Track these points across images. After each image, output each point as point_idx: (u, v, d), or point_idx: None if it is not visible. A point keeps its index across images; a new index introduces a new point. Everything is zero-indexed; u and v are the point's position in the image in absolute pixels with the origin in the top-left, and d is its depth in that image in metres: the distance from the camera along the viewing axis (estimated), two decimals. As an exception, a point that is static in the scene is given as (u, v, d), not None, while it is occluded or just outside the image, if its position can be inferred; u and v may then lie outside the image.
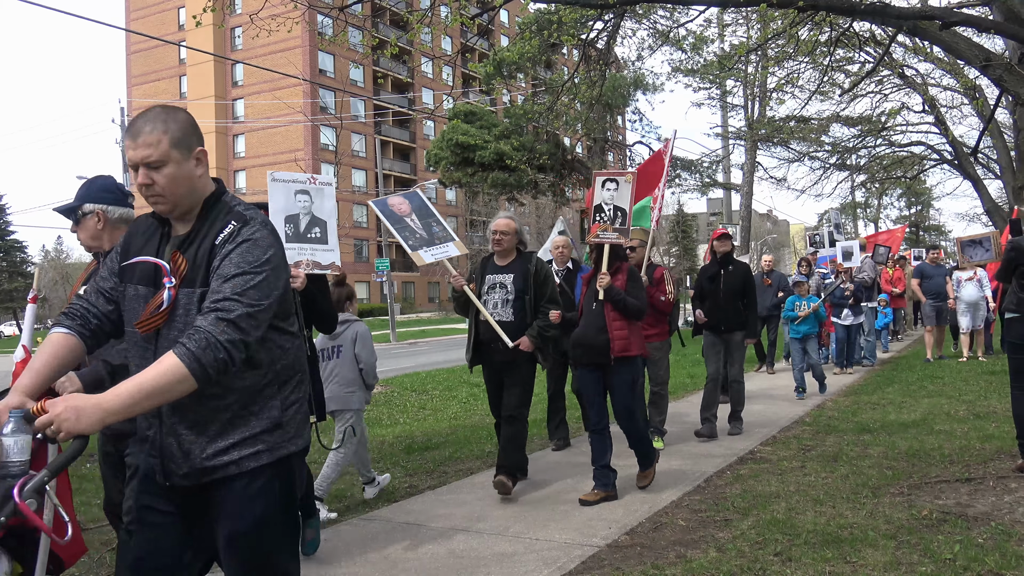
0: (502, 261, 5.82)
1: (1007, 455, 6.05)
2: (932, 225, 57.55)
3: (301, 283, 4.19)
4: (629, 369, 5.45)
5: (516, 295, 5.65)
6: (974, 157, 21.94)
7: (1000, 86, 9.09)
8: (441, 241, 5.92)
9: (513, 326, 5.58)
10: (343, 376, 5.52)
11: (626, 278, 5.50)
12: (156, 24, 59.25)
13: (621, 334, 5.39)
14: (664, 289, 6.94)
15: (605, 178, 5.79)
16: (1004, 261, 5.85)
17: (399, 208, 5.98)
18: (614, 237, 5.57)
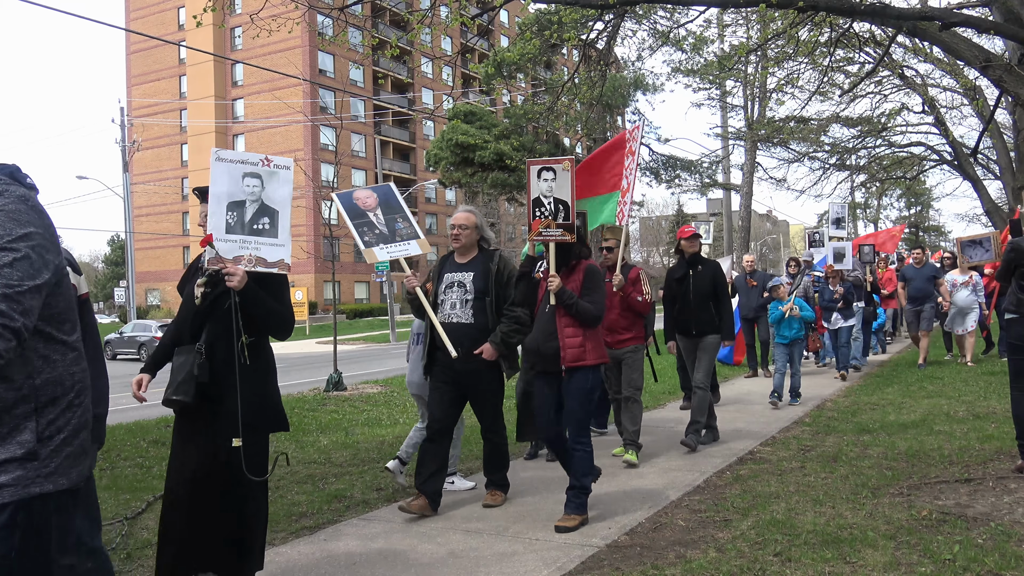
0: (462, 258, 5.42)
1: (1007, 456, 6.06)
2: (932, 226, 57.60)
3: (238, 282, 3.60)
4: (583, 379, 4.90)
5: (476, 295, 5.24)
6: (974, 158, 21.96)
7: (1000, 87, 9.09)
8: (404, 239, 5.50)
9: (472, 329, 5.19)
10: None
11: (582, 279, 4.97)
12: (156, 24, 59.24)
13: (574, 341, 4.88)
14: (641, 289, 6.65)
15: (540, 167, 5.14)
16: (1004, 262, 5.85)
17: (364, 202, 5.60)
18: (558, 234, 4.98)
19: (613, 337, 6.55)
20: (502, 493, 5.49)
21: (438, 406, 5.32)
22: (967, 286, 12.15)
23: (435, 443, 5.26)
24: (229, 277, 3.60)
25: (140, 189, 55.29)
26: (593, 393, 4.97)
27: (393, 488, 6.00)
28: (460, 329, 5.16)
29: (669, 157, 32.25)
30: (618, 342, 6.66)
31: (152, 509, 5.66)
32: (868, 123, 24.11)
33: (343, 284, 56.25)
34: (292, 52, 51.00)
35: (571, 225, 4.98)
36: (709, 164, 32.22)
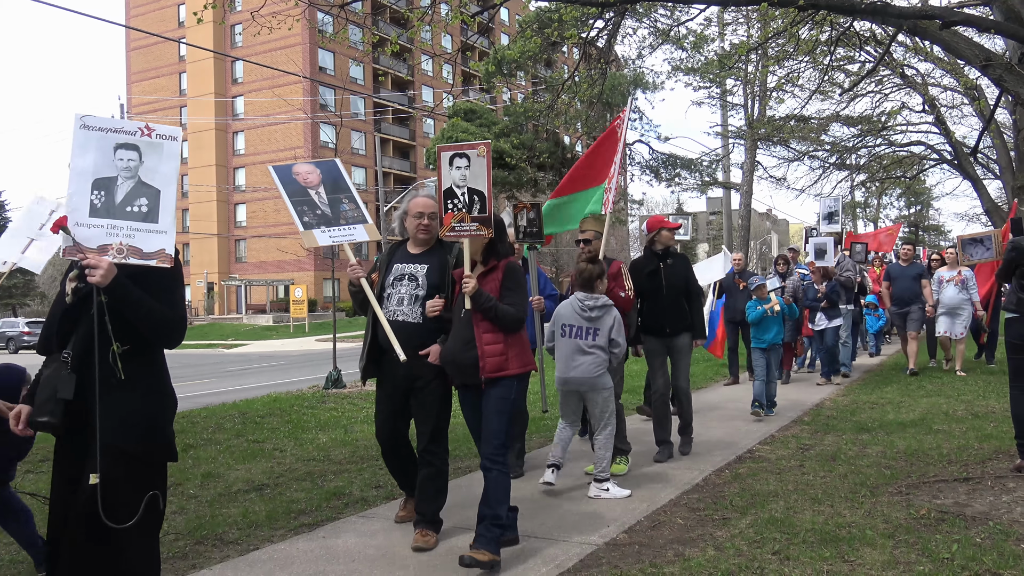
0: (416, 248, 4.82)
1: (1005, 455, 6.06)
2: (931, 225, 57.61)
3: (102, 276, 2.93)
4: (505, 390, 4.35)
5: (429, 291, 4.63)
6: (974, 157, 21.97)
7: (1000, 86, 9.10)
8: (348, 222, 4.94)
9: (420, 329, 4.59)
10: (598, 358, 5.48)
11: (501, 278, 4.43)
12: (156, 21, 59.21)
13: (494, 349, 4.35)
14: (623, 284, 6.14)
15: (452, 153, 4.60)
16: (1004, 261, 5.86)
17: (306, 178, 5.02)
18: (473, 229, 4.47)
19: None
20: (434, 533, 4.59)
21: (386, 420, 4.77)
22: (955, 283, 11.11)
23: (398, 455, 4.82)
24: (90, 271, 2.94)
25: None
26: (516, 405, 4.44)
27: (391, 487, 5.98)
28: (406, 329, 4.56)
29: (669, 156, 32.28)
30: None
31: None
32: (868, 122, 24.11)
33: (342, 282, 56.16)
34: (292, 49, 50.99)
35: (487, 218, 4.48)
36: (709, 163, 32.26)
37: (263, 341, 39.95)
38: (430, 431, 4.61)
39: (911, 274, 11.67)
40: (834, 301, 11.06)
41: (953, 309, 11.06)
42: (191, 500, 5.78)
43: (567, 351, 5.60)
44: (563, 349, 5.63)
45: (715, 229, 77.58)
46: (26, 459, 7.35)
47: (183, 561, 4.43)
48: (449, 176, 4.59)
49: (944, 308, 11.15)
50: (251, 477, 6.39)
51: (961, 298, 11.00)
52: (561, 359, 5.62)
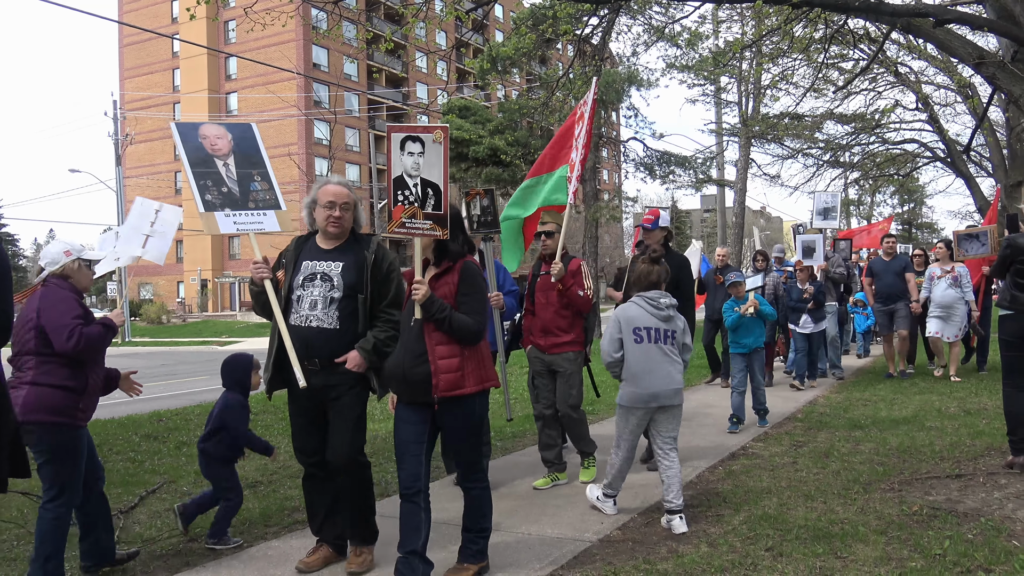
0: (328, 243, 4.18)
1: (997, 451, 6.09)
2: (925, 222, 57.76)
3: None
4: (467, 413, 3.92)
5: (345, 292, 4.06)
6: (967, 155, 22.05)
7: (993, 84, 9.12)
8: (258, 207, 4.29)
9: (337, 336, 4.03)
10: (680, 367, 4.85)
11: (457, 282, 3.90)
12: (149, 17, 58.97)
13: (449, 364, 3.81)
14: (582, 283, 5.69)
15: (404, 136, 3.96)
16: (999, 257, 5.88)
17: (213, 143, 4.32)
18: (426, 227, 3.89)
19: (547, 340, 5.73)
20: (368, 551, 4.21)
21: (305, 436, 4.22)
22: (947, 278, 10.26)
23: (318, 480, 4.23)
24: None
25: (133, 183, 54.96)
26: (482, 422, 4.03)
27: (385, 483, 5.97)
28: (322, 336, 4.00)
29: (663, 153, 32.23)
30: (553, 346, 5.72)
31: (145, 503, 5.66)
32: (862, 120, 24.20)
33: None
34: (286, 46, 50.88)
35: (442, 216, 3.88)
36: (703, 160, 32.24)
37: (257, 338, 39.82)
38: (346, 443, 4.09)
39: (895, 269, 10.83)
40: (821, 302, 10.49)
41: (947, 308, 10.23)
42: (184, 498, 5.77)
43: (652, 360, 4.77)
44: (646, 359, 4.77)
45: (709, 226, 77.70)
46: None
47: (177, 559, 4.42)
48: (400, 162, 3.96)
49: (937, 307, 10.28)
50: (244, 475, 6.37)
51: (955, 296, 10.18)
52: (644, 371, 4.76)
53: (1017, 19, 8.32)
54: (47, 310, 3.89)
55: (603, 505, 5.02)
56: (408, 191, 3.93)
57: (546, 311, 5.74)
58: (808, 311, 10.44)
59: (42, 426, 3.85)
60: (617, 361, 4.83)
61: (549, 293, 5.72)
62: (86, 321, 3.94)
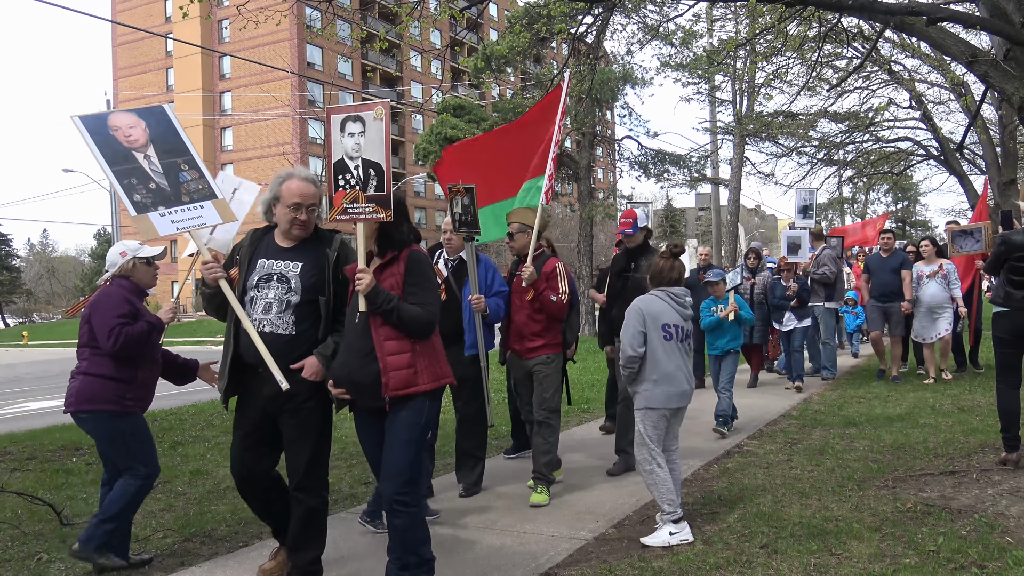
0: (286, 241, 3.83)
1: (991, 448, 6.11)
2: (919, 220, 57.94)
3: None
4: (415, 412, 3.57)
5: (303, 295, 3.72)
6: (960, 153, 22.08)
7: (986, 82, 9.14)
8: (193, 199, 3.89)
9: (294, 343, 3.69)
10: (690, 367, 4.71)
11: (403, 272, 3.61)
12: (143, 16, 58.82)
13: (399, 361, 3.53)
14: (556, 286, 5.45)
15: (344, 116, 3.69)
16: (993, 254, 5.90)
17: (128, 135, 3.88)
18: (369, 210, 3.60)
19: (522, 344, 5.52)
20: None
21: (245, 449, 3.81)
22: (936, 278, 9.85)
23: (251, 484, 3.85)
24: None
25: (127, 182, 54.92)
26: (427, 429, 3.66)
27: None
28: (276, 343, 3.66)
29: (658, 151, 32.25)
30: (528, 350, 5.48)
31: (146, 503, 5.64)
32: (856, 118, 24.22)
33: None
34: (280, 45, 50.78)
35: (386, 198, 3.60)
36: (698, 159, 32.27)
37: (252, 338, 39.75)
38: (306, 461, 3.74)
39: (891, 266, 10.36)
40: (804, 300, 10.21)
41: (933, 309, 9.85)
42: (179, 497, 5.77)
43: (681, 358, 4.57)
44: (676, 357, 4.53)
45: (704, 225, 77.81)
46: (13, 456, 7.32)
47: (172, 558, 4.42)
48: (340, 145, 3.68)
49: (924, 308, 9.91)
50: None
51: (943, 296, 9.81)
52: (676, 368, 4.53)
53: (1009, 17, 8.34)
54: (96, 309, 4.18)
55: (680, 536, 4.31)
56: (349, 175, 3.66)
57: (520, 314, 5.53)
58: (791, 309, 10.20)
59: (91, 414, 4.16)
60: (639, 357, 4.47)
61: (523, 296, 5.49)
62: (132, 320, 4.13)
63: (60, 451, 7.56)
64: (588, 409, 8.74)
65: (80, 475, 6.52)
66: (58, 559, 4.40)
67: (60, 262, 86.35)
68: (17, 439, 8.37)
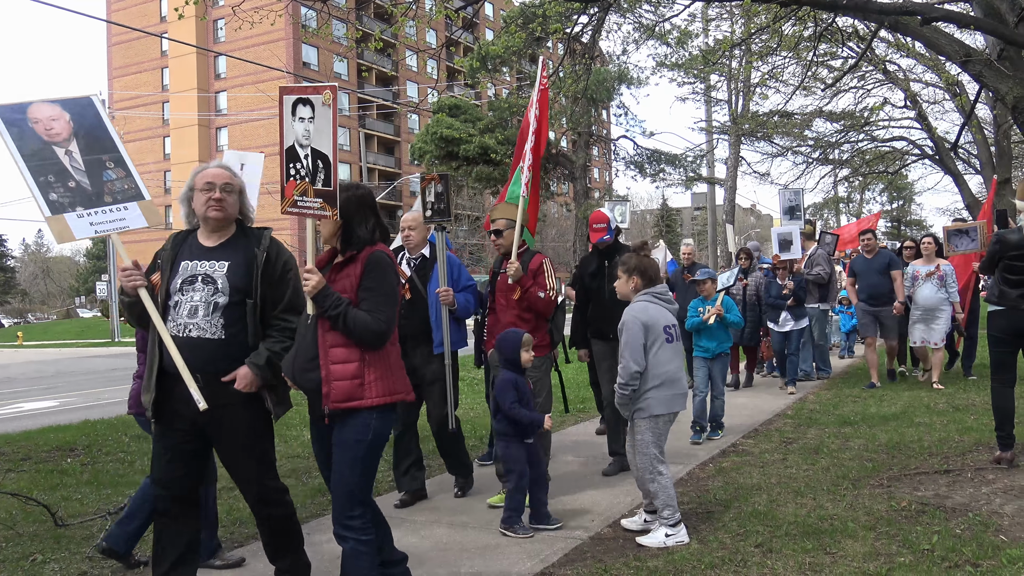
0: (211, 240, 3.55)
1: (985, 447, 6.13)
2: (914, 219, 58.07)
3: None
4: (359, 428, 3.28)
5: (232, 296, 3.44)
6: (955, 152, 22.16)
7: (980, 82, 9.15)
8: (116, 200, 3.57)
9: (222, 349, 3.40)
10: None
11: (360, 274, 3.32)
12: (138, 15, 58.71)
13: (344, 370, 3.25)
14: (543, 283, 5.26)
15: (296, 98, 3.39)
16: (988, 253, 5.92)
17: (48, 127, 3.57)
18: (316, 207, 3.35)
19: None
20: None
21: (169, 465, 3.50)
22: (932, 279, 9.37)
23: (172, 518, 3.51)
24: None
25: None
26: (377, 448, 3.33)
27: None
28: (205, 348, 3.38)
29: (654, 151, 32.36)
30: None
31: (134, 504, 5.63)
32: (851, 118, 24.30)
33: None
34: (276, 44, 50.77)
35: (331, 193, 3.32)
36: (693, 158, 32.37)
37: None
38: (250, 474, 3.50)
39: (877, 267, 9.81)
40: (801, 299, 9.85)
41: (930, 311, 9.35)
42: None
43: (681, 359, 4.58)
44: (677, 359, 4.53)
45: (700, 224, 77.89)
46: (8, 457, 7.31)
47: (167, 559, 4.40)
48: (292, 130, 3.40)
49: (920, 310, 9.42)
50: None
51: (940, 298, 9.31)
52: (678, 369, 4.51)
53: (1003, 17, 8.37)
54: None
55: (676, 537, 4.30)
56: (300, 164, 3.38)
57: (506, 314, 5.30)
58: (788, 308, 9.84)
59: (138, 416, 4.17)
60: (640, 372, 4.37)
61: (509, 294, 5.29)
62: None
63: (55, 452, 7.54)
64: (584, 409, 8.75)
65: (75, 476, 6.51)
66: (52, 560, 4.39)
67: (55, 262, 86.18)
68: (12, 440, 8.35)
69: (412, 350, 5.14)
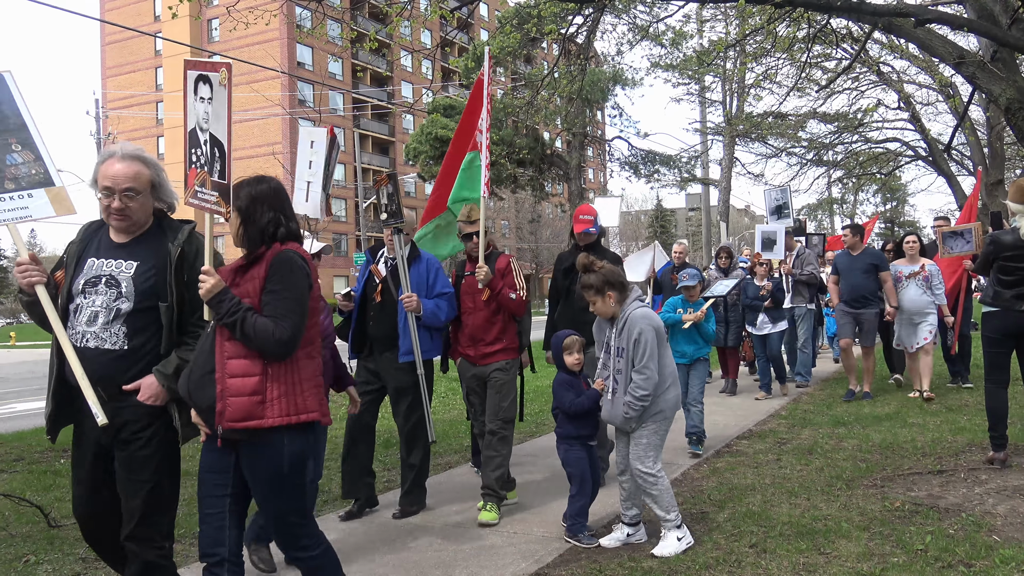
0: (122, 236, 3.17)
1: (978, 447, 6.16)
2: (907, 221, 58.24)
3: None
4: (270, 453, 2.90)
5: (138, 302, 3.05)
6: (948, 154, 22.23)
7: (973, 83, 9.21)
8: (20, 186, 3.13)
9: (124, 360, 3.04)
10: None
11: (264, 276, 2.93)
12: (131, 15, 58.55)
13: (241, 385, 2.85)
14: (512, 282, 5.05)
15: (198, 75, 3.04)
16: (983, 254, 5.95)
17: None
18: (212, 201, 3.03)
19: (477, 349, 5.11)
20: None
21: (81, 492, 3.20)
22: (916, 279, 8.70)
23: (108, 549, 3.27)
24: None
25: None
26: (296, 473, 2.95)
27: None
28: (102, 360, 3.01)
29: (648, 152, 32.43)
30: (484, 356, 5.09)
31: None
32: (845, 119, 24.36)
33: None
34: (270, 44, 50.69)
35: (225, 187, 3.00)
36: (688, 159, 32.45)
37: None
38: (140, 505, 3.06)
39: (861, 266, 8.92)
40: (779, 301, 9.42)
41: (914, 315, 8.69)
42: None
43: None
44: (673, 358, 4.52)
45: (694, 225, 78.00)
46: (0, 458, 7.28)
47: (160, 560, 4.38)
48: (194, 110, 3.05)
49: (904, 314, 8.75)
50: (229, 475, 6.34)
51: (925, 301, 8.65)
52: (675, 369, 4.45)
53: (996, 19, 8.41)
54: None
55: (687, 539, 4.22)
56: (199, 149, 3.03)
57: (474, 317, 5.09)
58: (765, 310, 9.42)
59: None
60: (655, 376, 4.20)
61: (476, 297, 5.06)
62: None
63: (48, 452, 7.51)
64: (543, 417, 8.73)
65: (68, 477, 6.45)
66: (45, 561, 4.38)
67: (48, 262, 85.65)
68: (4, 440, 8.32)
69: (379, 355, 5.08)
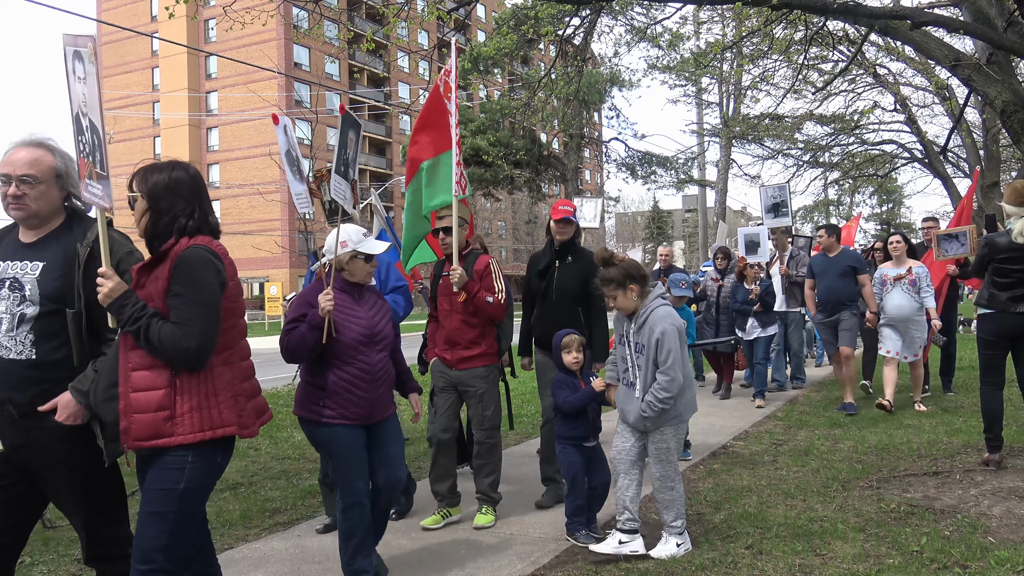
0: (30, 234, 2.94)
1: (973, 449, 6.17)
2: (903, 223, 58.35)
3: None
4: (165, 474, 2.61)
5: (44, 306, 2.81)
6: (944, 156, 22.28)
7: (969, 86, 9.23)
8: None
9: (33, 371, 2.80)
10: None
11: (167, 276, 2.63)
12: (128, 15, 58.46)
13: (146, 400, 2.59)
14: (491, 285, 4.81)
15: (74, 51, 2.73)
16: (978, 257, 5.96)
17: None
18: (98, 194, 2.73)
19: (454, 353, 4.86)
20: None
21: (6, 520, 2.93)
22: (902, 284, 8.07)
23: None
24: None
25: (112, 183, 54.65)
26: (193, 496, 2.64)
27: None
28: (9, 371, 2.80)
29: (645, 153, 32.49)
30: (461, 360, 4.84)
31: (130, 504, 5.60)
32: (841, 121, 24.41)
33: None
34: (267, 45, 50.63)
35: (106, 178, 2.74)
36: (685, 160, 32.50)
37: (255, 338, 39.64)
38: (83, 524, 2.92)
39: (838, 269, 8.41)
40: (769, 304, 9.01)
41: (902, 322, 8.08)
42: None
43: None
44: None
45: (691, 227, 78.08)
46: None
47: (156, 561, 4.38)
48: (77, 93, 2.74)
49: (889, 320, 8.16)
50: (225, 476, 6.33)
51: (913, 307, 8.01)
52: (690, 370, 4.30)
53: (992, 22, 8.43)
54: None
55: (685, 546, 4.18)
56: (83, 137, 2.72)
57: (450, 319, 4.85)
58: (754, 314, 9.04)
59: (300, 419, 3.79)
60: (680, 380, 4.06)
61: (453, 298, 4.81)
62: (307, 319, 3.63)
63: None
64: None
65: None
66: (40, 562, 4.36)
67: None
68: None
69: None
